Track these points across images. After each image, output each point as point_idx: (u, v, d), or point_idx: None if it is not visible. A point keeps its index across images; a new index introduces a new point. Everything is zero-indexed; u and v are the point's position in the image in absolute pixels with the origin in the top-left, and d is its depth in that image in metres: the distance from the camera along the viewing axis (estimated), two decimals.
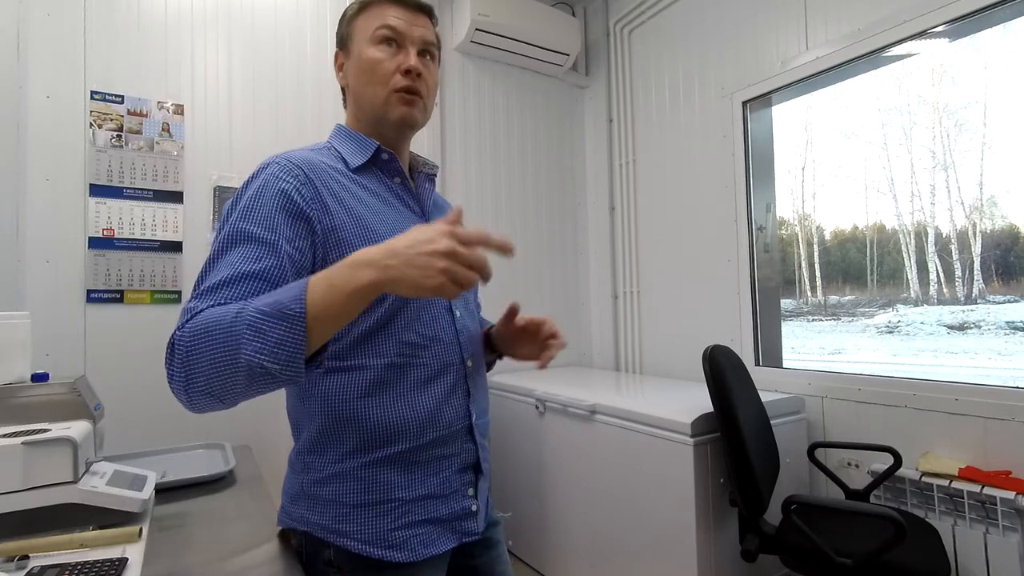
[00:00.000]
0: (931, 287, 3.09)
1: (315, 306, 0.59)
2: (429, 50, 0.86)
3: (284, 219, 0.72)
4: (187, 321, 0.62)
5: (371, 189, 0.83)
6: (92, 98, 1.70)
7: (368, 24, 0.84)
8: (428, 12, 0.87)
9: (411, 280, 0.59)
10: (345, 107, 0.92)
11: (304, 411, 0.80)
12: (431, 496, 0.80)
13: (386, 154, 0.86)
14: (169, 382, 0.62)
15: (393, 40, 0.83)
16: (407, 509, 0.78)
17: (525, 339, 0.92)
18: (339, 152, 0.85)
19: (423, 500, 0.79)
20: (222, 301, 0.64)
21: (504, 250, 0.62)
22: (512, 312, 0.91)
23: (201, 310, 0.62)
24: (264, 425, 1.82)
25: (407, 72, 0.82)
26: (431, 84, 0.87)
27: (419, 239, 0.60)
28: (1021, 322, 2.75)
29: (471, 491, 0.85)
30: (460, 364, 0.84)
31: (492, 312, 1.05)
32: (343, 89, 0.91)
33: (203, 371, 0.60)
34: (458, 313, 0.86)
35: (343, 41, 0.88)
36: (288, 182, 0.74)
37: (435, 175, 0.95)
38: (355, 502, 0.76)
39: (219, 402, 0.62)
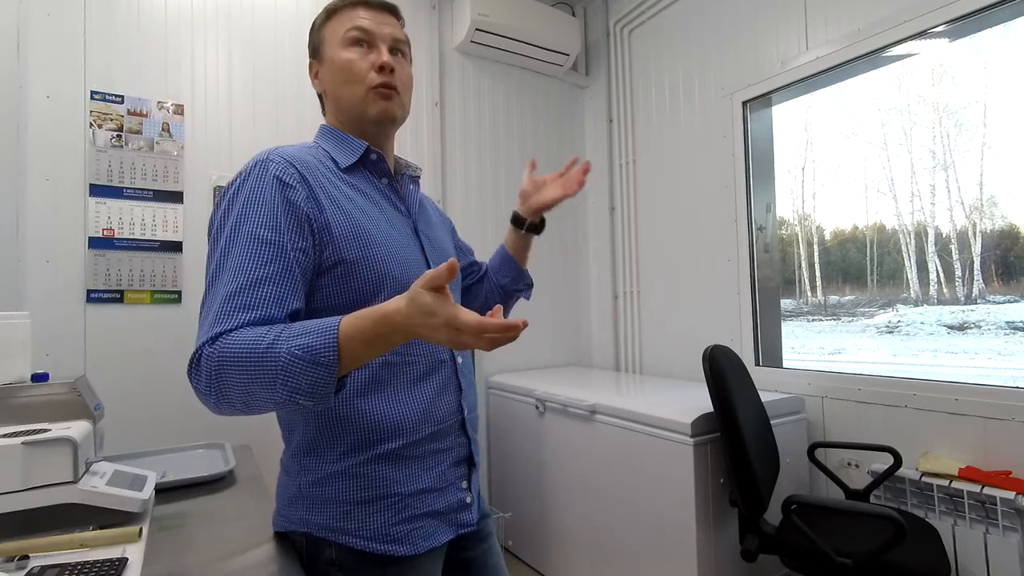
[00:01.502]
0: (931, 287, 3.09)
1: (347, 352, 0.62)
2: (400, 48, 0.88)
3: (285, 218, 0.72)
4: (214, 340, 0.65)
5: (361, 189, 0.84)
6: (92, 98, 1.70)
7: (338, 28, 0.86)
8: (394, 12, 0.90)
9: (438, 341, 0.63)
10: (324, 114, 0.94)
11: (298, 413, 0.80)
12: (428, 490, 0.81)
13: (375, 154, 0.87)
14: (196, 391, 0.67)
15: (364, 40, 0.85)
16: (407, 503, 0.79)
17: (541, 189, 1.10)
18: (327, 151, 0.85)
19: (421, 494, 0.80)
20: (243, 315, 0.67)
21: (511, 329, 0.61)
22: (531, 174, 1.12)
23: (229, 331, 0.65)
24: (264, 425, 1.81)
25: (381, 68, 0.83)
26: (405, 80, 0.89)
27: (435, 329, 0.61)
28: (1021, 322, 2.75)
29: (464, 484, 0.87)
30: (451, 361, 0.86)
31: None
32: (320, 97, 0.93)
33: (236, 394, 0.64)
34: None
35: (315, 49, 0.90)
36: (284, 180, 0.74)
37: (418, 177, 0.98)
38: (356, 499, 0.77)
39: (248, 413, 0.67)
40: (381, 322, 0.62)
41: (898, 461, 1.58)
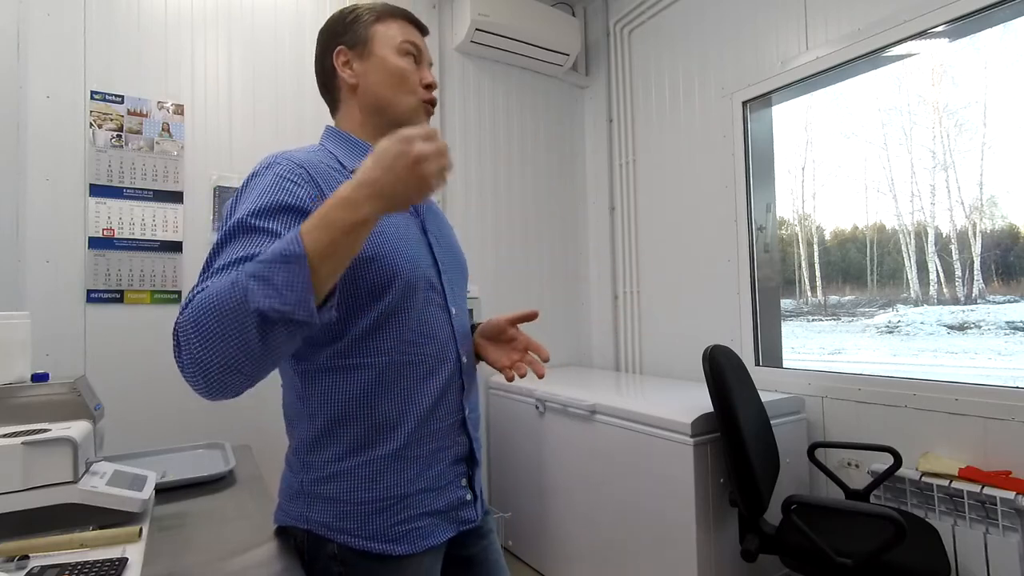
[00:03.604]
0: (931, 287, 3.09)
1: (315, 244, 0.59)
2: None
3: (287, 214, 0.72)
4: (187, 304, 0.61)
5: None
6: (92, 98, 1.70)
7: (392, 34, 0.88)
8: (427, 34, 0.95)
9: (404, 199, 0.62)
10: (336, 105, 0.91)
11: (303, 410, 0.80)
12: (427, 489, 0.81)
13: None
14: (184, 373, 0.60)
15: (415, 56, 0.89)
16: (406, 504, 0.79)
17: (500, 343, 0.93)
18: (333, 154, 0.86)
19: (420, 494, 0.80)
20: None
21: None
22: (521, 319, 0.91)
23: (200, 291, 0.61)
24: (264, 425, 1.82)
25: (429, 87, 0.89)
26: None
27: (391, 156, 0.60)
28: (1021, 322, 2.75)
29: (464, 481, 0.87)
30: (456, 360, 0.86)
31: (489, 314, 1.05)
32: (338, 87, 0.89)
33: (215, 343, 0.57)
34: (454, 310, 0.88)
35: (360, 41, 0.87)
36: (291, 179, 0.74)
37: None
38: (355, 499, 0.77)
39: (240, 375, 0.60)
40: (338, 199, 0.60)
41: (898, 461, 1.58)
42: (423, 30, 0.93)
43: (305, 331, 0.62)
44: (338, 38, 0.89)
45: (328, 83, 0.91)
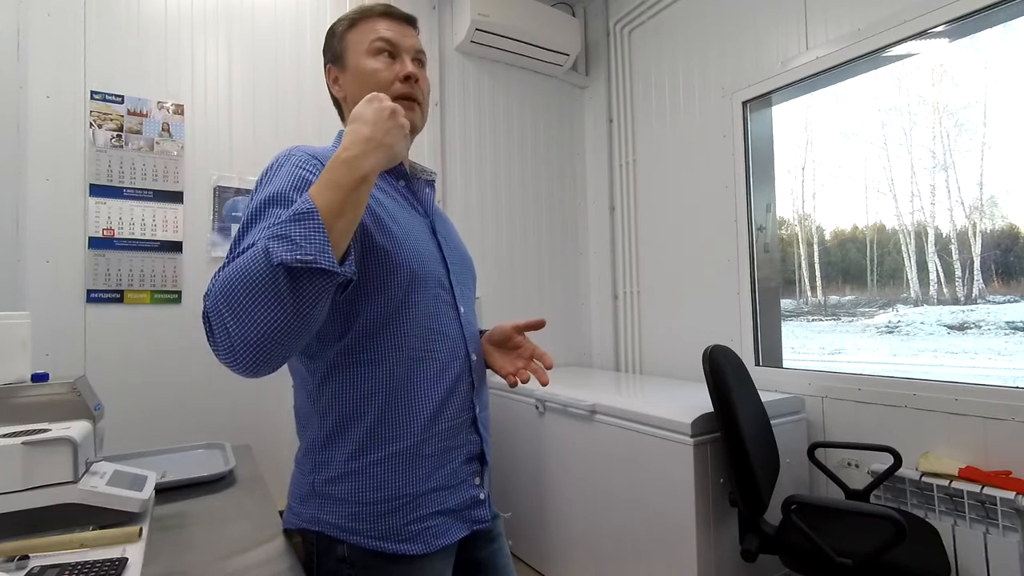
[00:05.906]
0: (931, 287, 3.09)
1: (325, 204, 0.62)
2: (420, 58, 0.91)
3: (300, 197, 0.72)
4: (212, 287, 0.61)
5: (380, 187, 0.85)
6: (92, 98, 1.70)
7: (362, 37, 0.88)
8: (414, 24, 0.93)
9: (394, 148, 0.69)
10: (342, 119, 0.95)
11: (314, 409, 0.80)
12: (440, 488, 0.81)
13: None
14: (220, 355, 0.60)
15: (388, 51, 0.87)
16: (419, 503, 0.79)
17: (506, 349, 0.92)
18: None
19: (433, 492, 0.80)
20: None
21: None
22: (528, 327, 0.91)
23: (220, 270, 0.63)
24: (264, 425, 1.82)
25: (407, 79, 0.86)
26: (426, 89, 0.91)
27: (372, 115, 0.69)
28: (1021, 322, 2.74)
29: (477, 480, 0.87)
30: (465, 359, 0.86)
31: (489, 314, 1.05)
32: (338, 102, 0.94)
33: (249, 311, 0.57)
34: (462, 309, 0.88)
35: (337, 56, 0.91)
36: (308, 170, 0.75)
37: (434, 181, 0.98)
38: (368, 499, 0.77)
39: (276, 344, 0.59)
40: (338, 160, 0.65)
41: (898, 461, 1.58)
42: (403, 19, 0.90)
43: (332, 283, 0.61)
44: (326, 57, 0.93)
45: (332, 98, 0.95)
